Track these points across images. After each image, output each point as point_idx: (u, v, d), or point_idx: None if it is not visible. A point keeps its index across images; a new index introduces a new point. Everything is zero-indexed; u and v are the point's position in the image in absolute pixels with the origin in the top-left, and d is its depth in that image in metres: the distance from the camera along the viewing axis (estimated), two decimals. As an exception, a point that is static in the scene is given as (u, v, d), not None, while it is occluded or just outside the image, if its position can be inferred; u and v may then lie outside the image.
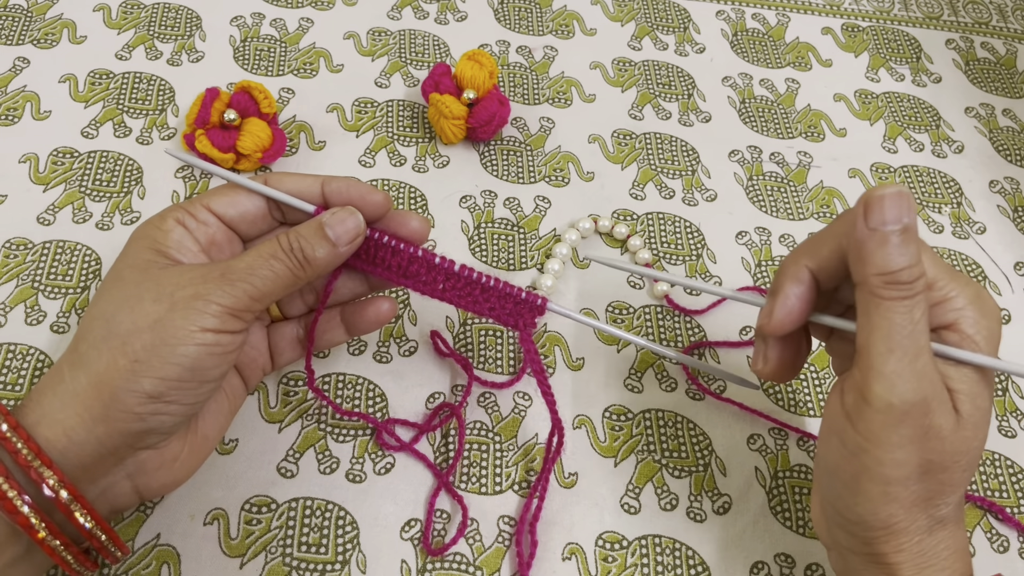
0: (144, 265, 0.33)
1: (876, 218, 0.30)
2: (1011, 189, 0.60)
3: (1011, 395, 0.49)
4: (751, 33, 0.67)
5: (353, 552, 0.40)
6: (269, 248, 0.34)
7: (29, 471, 0.30)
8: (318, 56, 0.59)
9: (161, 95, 0.55)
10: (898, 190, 0.31)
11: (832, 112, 0.62)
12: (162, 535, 0.39)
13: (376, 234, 0.37)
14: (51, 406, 0.31)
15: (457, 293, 0.39)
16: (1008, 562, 0.43)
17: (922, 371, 0.30)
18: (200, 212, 0.36)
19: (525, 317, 0.39)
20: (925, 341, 0.30)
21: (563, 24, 0.65)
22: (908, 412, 0.30)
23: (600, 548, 0.41)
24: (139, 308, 0.32)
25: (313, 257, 0.35)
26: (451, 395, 0.45)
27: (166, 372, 0.31)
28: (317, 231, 0.35)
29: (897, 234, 0.30)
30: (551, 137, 0.57)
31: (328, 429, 0.43)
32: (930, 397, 0.30)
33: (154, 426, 0.32)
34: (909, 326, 0.30)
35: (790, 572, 0.41)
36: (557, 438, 0.41)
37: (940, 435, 0.30)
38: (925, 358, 0.30)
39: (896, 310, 0.30)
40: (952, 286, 0.32)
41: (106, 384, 0.31)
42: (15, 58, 0.55)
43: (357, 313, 0.41)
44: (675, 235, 0.53)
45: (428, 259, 0.38)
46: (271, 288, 0.34)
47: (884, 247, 0.30)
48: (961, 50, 0.69)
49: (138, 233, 0.35)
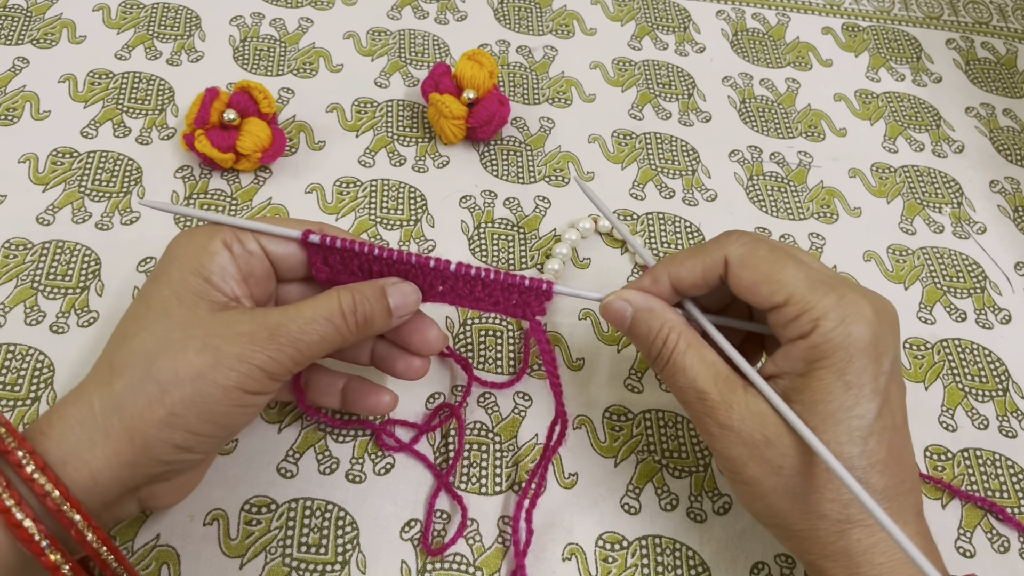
0: (191, 300, 0.32)
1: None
2: (1011, 189, 0.60)
3: (1011, 395, 0.49)
4: (751, 33, 0.67)
5: (353, 552, 0.39)
6: (326, 310, 0.33)
7: (58, 515, 0.29)
8: (318, 56, 0.59)
9: (161, 95, 0.55)
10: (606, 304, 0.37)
11: (832, 112, 0.62)
12: (162, 535, 0.39)
13: (366, 247, 0.36)
14: (79, 444, 0.30)
15: (458, 294, 0.37)
16: (1008, 562, 0.43)
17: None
18: (248, 241, 0.35)
19: (532, 305, 0.37)
20: (723, 367, 0.35)
21: (563, 24, 0.65)
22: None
23: (600, 548, 0.41)
24: (182, 358, 0.31)
25: (373, 325, 0.34)
26: (451, 395, 0.45)
27: (199, 427, 0.31)
28: (381, 299, 0.35)
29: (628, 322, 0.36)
30: (551, 137, 0.57)
31: (328, 429, 0.43)
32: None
33: (176, 468, 0.32)
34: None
35: (790, 572, 0.41)
36: (560, 429, 0.40)
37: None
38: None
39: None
40: (810, 297, 0.32)
41: (139, 432, 0.30)
42: (15, 58, 0.55)
43: (359, 392, 0.40)
44: (675, 235, 0.53)
45: (422, 264, 0.36)
46: (316, 352, 0.33)
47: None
48: (961, 50, 0.69)
49: (181, 250, 0.34)
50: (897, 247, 0.55)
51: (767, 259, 0.34)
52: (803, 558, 0.34)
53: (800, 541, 0.33)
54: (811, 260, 0.35)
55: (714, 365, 0.34)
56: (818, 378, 0.32)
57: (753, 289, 0.34)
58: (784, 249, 0.35)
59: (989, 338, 0.51)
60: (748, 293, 0.34)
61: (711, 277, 0.35)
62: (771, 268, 0.34)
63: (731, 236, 0.36)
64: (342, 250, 0.36)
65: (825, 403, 0.32)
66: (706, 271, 0.35)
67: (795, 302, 0.33)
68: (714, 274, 0.35)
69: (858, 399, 0.32)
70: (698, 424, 0.35)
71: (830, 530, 0.32)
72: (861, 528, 0.32)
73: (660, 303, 0.36)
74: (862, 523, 0.32)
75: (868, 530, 0.32)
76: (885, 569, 0.32)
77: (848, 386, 0.32)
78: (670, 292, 0.37)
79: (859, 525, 0.32)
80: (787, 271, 0.33)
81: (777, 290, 0.33)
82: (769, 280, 0.33)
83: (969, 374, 0.50)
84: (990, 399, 0.49)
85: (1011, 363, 0.50)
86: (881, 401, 0.32)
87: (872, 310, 0.32)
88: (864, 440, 0.32)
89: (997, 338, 0.52)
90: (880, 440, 0.32)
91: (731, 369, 0.35)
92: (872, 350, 0.32)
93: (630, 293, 0.37)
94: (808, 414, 0.32)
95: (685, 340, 0.35)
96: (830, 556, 0.32)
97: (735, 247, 0.35)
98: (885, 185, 0.58)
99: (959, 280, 0.54)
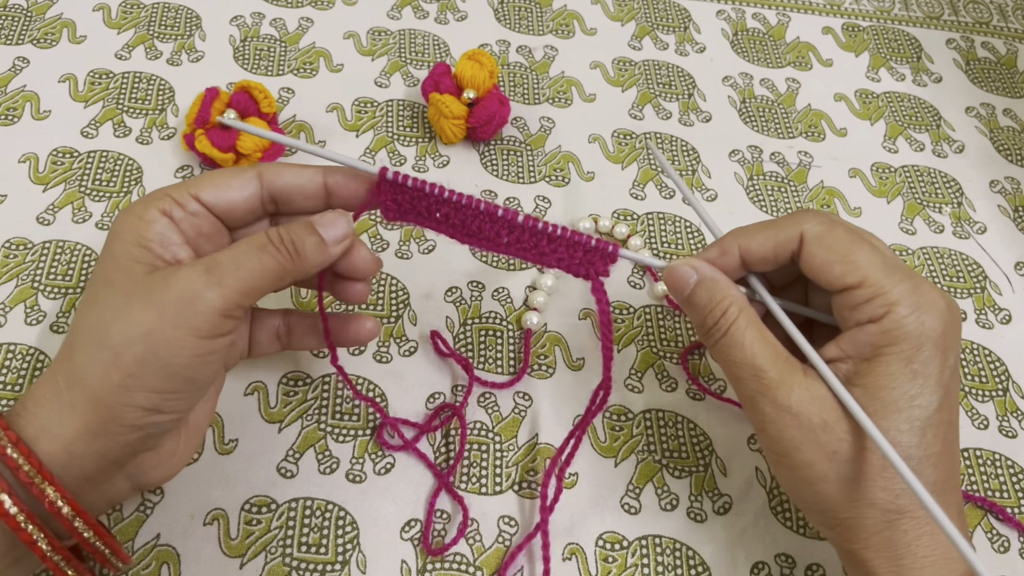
0: (130, 266, 0.32)
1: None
2: (1012, 189, 0.60)
3: (1011, 395, 0.49)
4: (751, 33, 0.67)
5: (353, 552, 0.39)
6: (257, 240, 0.33)
7: (31, 488, 0.29)
8: (318, 56, 0.59)
9: (161, 95, 0.55)
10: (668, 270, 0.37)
11: (832, 112, 0.62)
12: (162, 535, 0.39)
13: (436, 189, 0.36)
14: (49, 419, 0.30)
15: (522, 246, 0.36)
16: (1008, 562, 0.43)
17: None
18: (188, 202, 0.34)
19: (596, 265, 0.36)
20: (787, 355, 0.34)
21: (563, 24, 0.65)
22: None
23: (600, 548, 0.41)
24: (129, 317, 0.31)
25: (303, 249, 0.34)
26: (451, 395, 0.45)
27: (160, 385, 0.31)
28: (307, 227, 0.34)
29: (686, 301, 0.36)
30: (551, 137, 0.57)
31: (328, 429, 0.43)
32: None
33: (151, 432, 0.32)
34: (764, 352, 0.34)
35: (791, 572, 0.41)
36: (603, 395, 0.39)
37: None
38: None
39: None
40: (885, 282, 0.32)
41: (102, 399, 0.30)
42: (15, 58, 0.55)
43: (339, 326, 0.40)
44: (675, 235, 0.53)
45: (490, 212, 0.36)
46: (259, 282, 0.33)
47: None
48: (962, 50, 0.69)
49: (120, 225, 0.34)
50: (897, 247, 0.55)
51: (843, 239, 0.34)
52: (843, 547, 0.34)
53: (844, 530, 0.33)
54: (884, 247, 0.35)
55: (773, 346, 0.34)
56: (885, 363, 0.32)
57: (826, 268, 0.33)
58: (860, 232, 0.35)
59: (989, 338, 0.51)
60: (819, 272, 0.34)
61: (782, 253, 0.35)
62: (847, 248, 0.33)
63: (807, 214, 0.35)
64: (412, 189, 0.36)
65: (889, 389, 0.32)
66: (778, 246, 0.35)
67: (869, 285, 0.32)
68: (786, 250, 0.35)
69: (922, 389, 0.32)
70: (749, 404, 0.34)
71: (878, 519, 0.32)
72: (909, 519, 0.32)
73: (725, 277, 0.36)
74: (911, 514, 0.32)
75: (916, 522, 0.32)
76: (928, 562, 0.31)
77: (914, 375, 0.31)
78: (738, 264, 0.36)
79: (908, 516, 0.32)
80: (863, 254, 0.33)
81: (851, 271, 0.33)
82: (844, 260, 0.33)
83: (969, 374, 0.50)
84: (990, 399, 0.49)
85: (1011, 363, 0.50)
86: (943, 394, 0.32)
87: (945, 304, 0.33)
88: (923, 431, 0.32)
89: (997, 338, 0.52)
90: (937, 433, 0.32)
91: (789, 353, 0.34)
92: (942, 342, 0.32)
93: (697, 261, 0.36)
94: (869, 399, 0.32)
95: (746, 316, 0.34)
96: (873, 546, 0.32)
97: (812, 224, 0.34)
98: (885, 185, 0.58)
99: (959, 280, 0.54)
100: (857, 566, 0.33)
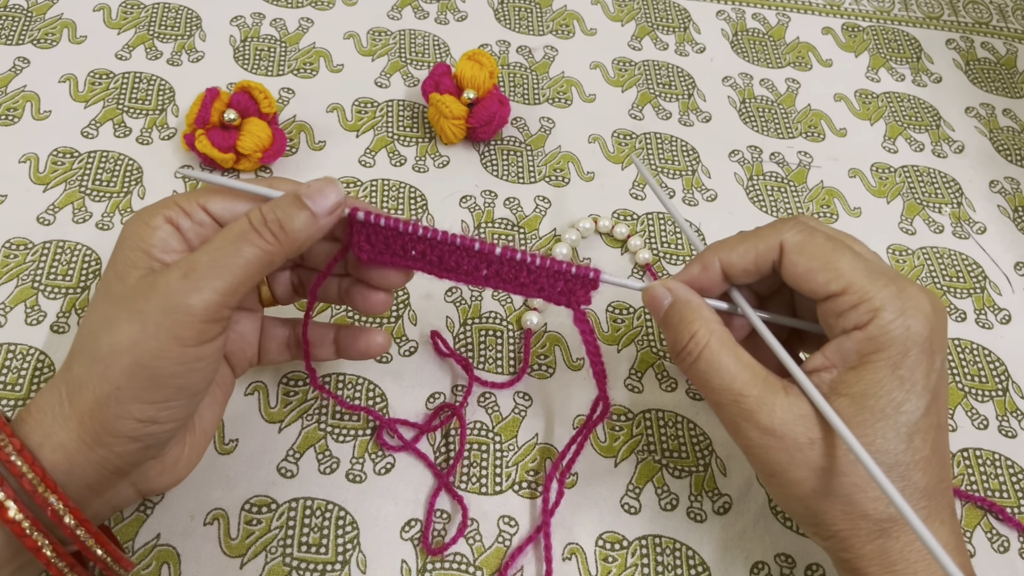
0: (126, 272, 0.32)
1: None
2: (1011, 189, 0.60)
3: (1011, 395, 0.49)
4: (751, 33, 0.67)
5: (353, 552, 0.40)
6: (235, 230, 0.32)
7: (35, 495, 0.29)
8: (318, 56, 0.59)
9: (161, 95, 0.55)
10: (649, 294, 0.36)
11: (832, 112, 0.62)
12: (162, 535, 0.39)
13: (410, 226, 0.35)
14: (52, 428, 0.31)
15: (502, 279, 0.36)
16: (1008, 562, 0.43)
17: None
18: (196, 211, 0.34)
19: (578, 294, 0.36)
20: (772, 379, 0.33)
21: (563, 24, 0.65)
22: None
23: (600, 548, 0.41)
24: (117, 330, 0.30)
25: (291, 227, 0.32)
26: (451, 395, 0.45)
27: (150, 395, 0.30)
28: (294, 201, 0.33)
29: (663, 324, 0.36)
30: (551, 137, 0.57)
31: (328, 429, 0.43)
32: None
33: (151, 443, 0.32)
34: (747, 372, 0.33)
35: (790, 572, 0.41)
36: (602, 408, 0.40)
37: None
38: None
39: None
40: (870, 288, 0.32)
41: (97, 412, 0.30)
42: (15, 58, 0.55)
43: (350, 338, 0.40)
44: (675, 235, 0.53)
45: (467, 247, 0.35)
46: (242, 278, 0.31)
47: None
48: (961, 50, 0.69)
49: (127, 230, 0.33)
50: (897, 247, 0.55)
51: (824, 247, 0.33)
52: (838, 557, 0.33)
53: (838, 541, 0.33)
54: (867, 252, 0.35)
55: (751, 367, 0.33)
56: (871, 371, 0.31)
57: (809, 276, 0.33)
58: (841, 238, 0.35)
59: (989, 338, 0.51)
60: (803, 281, 0.33)
61: (764, 264, 0.34)
62: (829, 256, 0.33)
63: (787, 223, 0.35)
64: (385, 228, 0.35)
65: (876, 397, 0.31)
66: (759, 257, 0.34)
67: (853, 291, 0.32)
68: (767, 260, 0.34)
69: (909, 395, 0.31)
70: (732, 429, 0.34)
71: (871, 529, 0.32)
72: (902, 526, 0.32)
73: (700, 299, 0.35)
74: (904, 521, 0.32)
75: (908, 528, 0.32)
76: (920, 567, 0.31)
77: (901, 381, 0.31)
78: (720, 279, 0.36)
79: (901, 523, 0.32)
80: (845, 260, 0.33)
81: (835, 278, 0.32)
82: (827, 268, 0.33)
83: (969, 374, 0.50)
84: (990, 399, 0.49)
85: (1011, 363, 0.51)
86: (930, 398, 0.32)
87: (931, 306, 0.32)
88: (910, 437, 0.31)
89: (997, 338, 0.52)
90: (925, 438, 0.32)
91: (768, 371, 0.34)
92: (928, 345, 0.31)
93: (674, 283, 0.36)
94: (856, 408, 0.31)
95: (718, 338, 0.34)
96: (867, 555, 0.32)
97: (791, 233, 0.34)
98: (885, 185, 0.58)
99: (959, 280, 0.54)
100: (851, 573, 0.33)
